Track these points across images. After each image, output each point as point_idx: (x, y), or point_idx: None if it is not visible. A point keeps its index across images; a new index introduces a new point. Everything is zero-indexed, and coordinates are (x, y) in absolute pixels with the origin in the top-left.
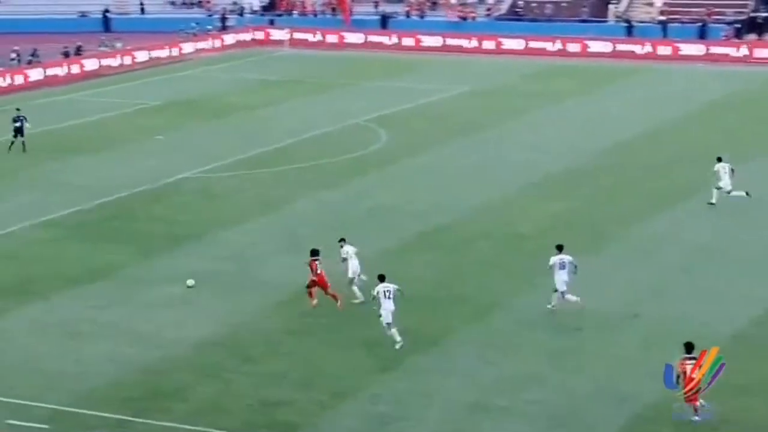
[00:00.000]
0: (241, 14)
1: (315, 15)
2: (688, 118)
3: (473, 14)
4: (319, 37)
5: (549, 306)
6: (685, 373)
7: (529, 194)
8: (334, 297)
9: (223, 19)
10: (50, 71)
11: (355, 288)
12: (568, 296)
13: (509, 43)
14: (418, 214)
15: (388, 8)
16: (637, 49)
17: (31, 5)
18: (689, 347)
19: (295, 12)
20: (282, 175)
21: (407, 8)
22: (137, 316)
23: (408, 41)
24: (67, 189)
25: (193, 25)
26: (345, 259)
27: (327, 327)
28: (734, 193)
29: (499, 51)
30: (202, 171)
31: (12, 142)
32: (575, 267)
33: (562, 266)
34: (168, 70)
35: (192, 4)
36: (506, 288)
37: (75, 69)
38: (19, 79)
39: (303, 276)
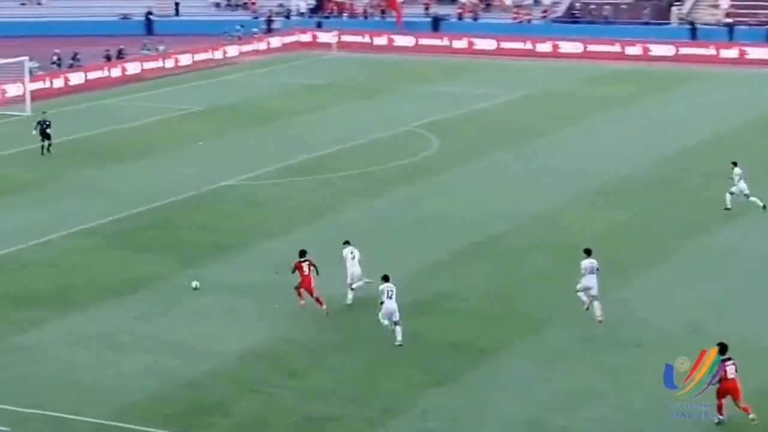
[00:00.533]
0: (287, 16)
1: (366, 17)
2: (753, 125)
3: (529, 16)
4: (367, 39)
5: (585, 307)
6: (724, 374)
7: (586, 203)
8: (318, 301)
9: (269, 21)
10: (91, 75)
11: (349, 290)
12: (595, 303)
13: (566, 47)
14: (470, 223)
15: (439, 10)
16: (702, 52)
17: (72, 7)
18: (723, 348)
19: (345, 14)
20: (328, 183)
21: (460, 10)
22: (179, 328)
23: (460, 44)
24: (106, 196)
25: (238, 27)
26: (345, 264)
27: (375, 340)
28: (753, 198)
29: (555, 54)
30: (245, 178)
31: (42, 146)
32: (598, 269)
33: (592, 271)
34: (211, 74)
35: (237, 6)
36: (562, 301)
37: (116, 73)
38: (59, 83)
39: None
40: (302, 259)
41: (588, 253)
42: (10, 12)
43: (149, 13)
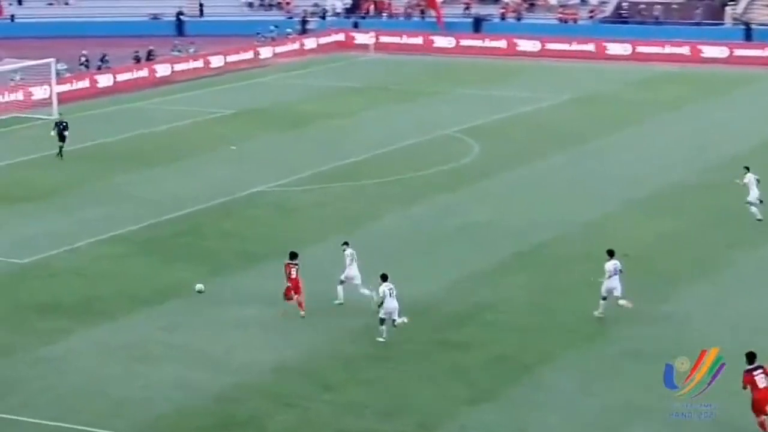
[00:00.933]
0: (323, 17)
1: (409, 16)
2: None
3: (574, 16)
4: (405, 40)
5: (596, 313)
6: (753, 384)
7: (634, 211)
8: (300, 304)
9: (304, 21)
10: (120, 77)
11: (339, 288)
12: (621, 302)
13: (614, 48)
14: (513, 231)
15: (481, 10)
16: (757, 54)
17: (100, 7)
18: (751, 357)
19: (384, 13)
20: (365, 190)
21: (502, 10)
22: (209, 339)
23: (503, 45)
24: (135, 202)
25: (272, 28)
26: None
27: (412, 353)
28: (754, 209)
29: (602, 56)
30: (278, 184)
31: (61, 147)
32: (621, 270)
33: (616, 272)
34: (244, 76)
35: (271, 5)
36: (608, 313)
37: (146, 74)
38: (86, 85)
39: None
40: (292, 262)
41: (611, 254)
42: (36, 12)
43: (180, 13)
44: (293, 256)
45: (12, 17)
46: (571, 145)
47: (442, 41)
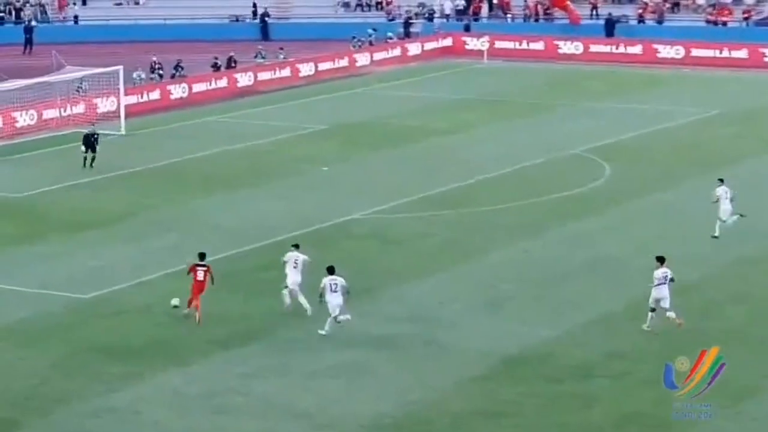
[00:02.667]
0: (429, 18)
1: (535, 17)
2: None
3: (726, 18)
4: (525, 46)
5: (645, 327)
6: None
7: None
8: (197, 307)
9: (407, 24)
10: (196, 87)
11: (284, 293)
12: (669, 314)
13: None
14: (650, 268)
15: (614, 10)
16: None
17: (175, 8)
18: None
19: (508, 14)
20: (477, 218)
21: (640, 11)
22: (296, 388)
23: (639, 51)
24: (213, 231)
25: (370, 31)
26: (286, 263)
27: (531, 407)
28: (731, 219)
29: (758, 64)
30: (376, 211)
31: (85, 158)
32: (672, 279)
33: (664, 281)
34: (337, 87)
35: (369, 5)
36: (765, 370)
37: (225, 84)
38: (158, 97)
39: (506, 343)
40: (199, 264)
41: (661, 261)
42: (102, 13)
43: (265, 14)
44: (202, 256)
45: (76, 19)
46: (721, 167)
47: (568, 46)
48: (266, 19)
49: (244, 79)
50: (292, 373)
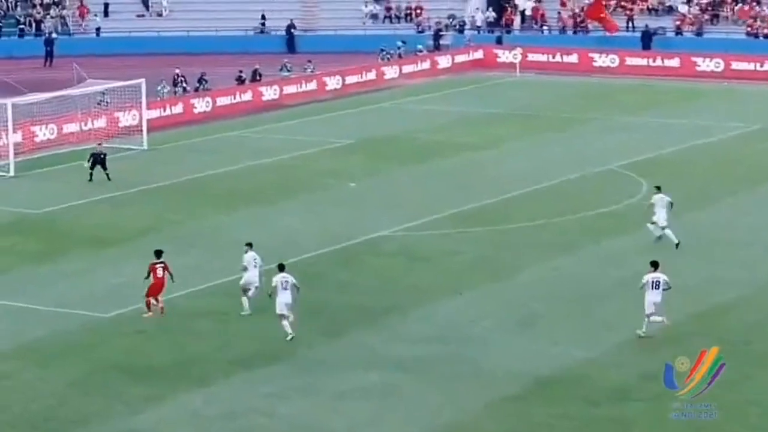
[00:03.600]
0: (460, 30)
1: (574, 28)
2: None
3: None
4: (559, 58)
5: (639, 333)
6: None
7: None
8: (157, 305)
9: (437, 36)
10: (220, 101)
11: (245, 299)
12: (654, 317)
13: None
14: (688, 289)
15: (651, 22)
16: None
17: (199, 20)
18: None
19: (546, 28)
20: (508, 235)
21: (677, 22)
22: (323, 409)
23: (677, 64)
24: (237, 247)
25: (399, 43)
26: (245, 268)
27: (567, 430)
28: (668, 231)
29: None
30: (405, 228)
31: (91, 173)
32: (668, 286)
33: (656, 285)
34: (365, 101)
35: (398, 17)
36: None
37: (250, 98)
38: (181, 111)
39: (538, 363)
40: (157, 261)
41: (655, 266)
42: (124, 25)
43: (290, 26)
44: (159, 254)
45: (97, 31)
46: (762, 184)
47: (602, 59)
48: (292, 31)
49: (269, 93)
50: (318, 394)
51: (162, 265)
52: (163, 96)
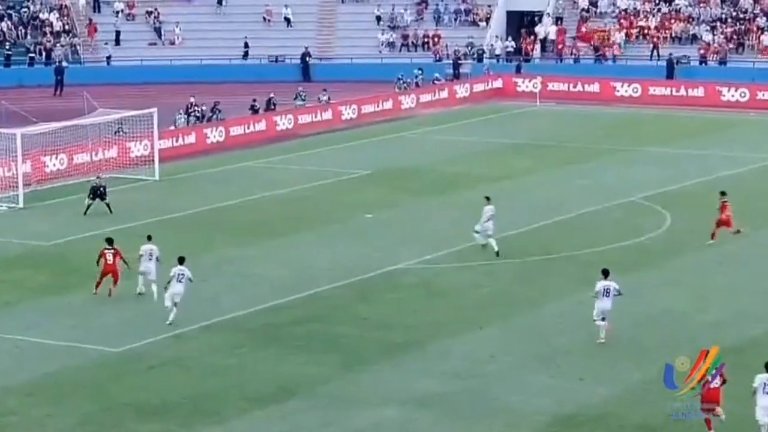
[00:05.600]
0: (479, 59)
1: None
2: None
3: None
4: (580, 88)
5: (599, 341)
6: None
7: None
8: (113, 284)
9: (456, 65)
10: (234, 130)
11: (140, 277)
12: (599, 322)
13: None
14: (715, 324)
15: (675, 51)
16: None
17: (211, 47)
18: None
19: (566, 57)
20: (529, 268)
21: (702, 51)
22: None
23: (701, 94)
24: (250, 281)
25: (416, 72)
26: (141, 256)
27: None
28: (491, 240)
29: None
30: (424, 260)
31: (89, 206)
32: (618, 292)
33: (606, 293)
34: (381, 131)
35: (415, 45)
36: None
37: (264, 128)
38: (193, 141)
39: (561, 402)
40: (108, 248)
41: (605, 274)
42: (136, 54)
43: (306, 54)
44: (110, 241)
45: (108, 59)
46: None
47: (625, 89)
48: (307, 59)
49: (283, 122)
50: (335, 430)
51: (112, 251)
52: (182, 125)
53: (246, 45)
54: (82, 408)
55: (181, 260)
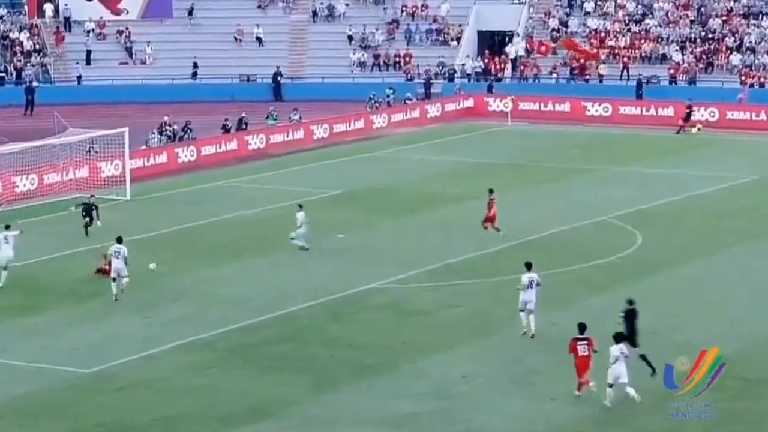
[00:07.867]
0: (450, 78)
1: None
2: None
3: (764, 79)
4: (551, 107)
5: (531, 335)
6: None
7: None
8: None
9: (428, 84)
10: (205, 150)
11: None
12: (522, 314)
13: None
14: (685, 344)
15: (644, 71)
16: None
17: (182, 67)
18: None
19: (536, 77)
20: (502, 288)
21: (671, 71)
22: None
23: (671, 113)
24: (222, 301)
25: (389, 92)
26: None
27: None
28: (304, 245)
29: None
30: (395, 280)
31: (86, 225)
32: (539, 283)
33: (531, 285)
34: (353, 150)
35: (387, 65)
36: None
37: (236, 147)
38: (165, 160)
39: (533, 422)
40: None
41: (528, 267)
42: (107, 73)
43: (277, 74)
44: (120, 240)
45: (78, 79)
46: (760, 236)
47: (595, 108)
48: (279, 78)
49: (255, 142)
50: None
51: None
52: (154, 145)
53: (195, 65)
54: (52, 430)
55: (119, 240)
